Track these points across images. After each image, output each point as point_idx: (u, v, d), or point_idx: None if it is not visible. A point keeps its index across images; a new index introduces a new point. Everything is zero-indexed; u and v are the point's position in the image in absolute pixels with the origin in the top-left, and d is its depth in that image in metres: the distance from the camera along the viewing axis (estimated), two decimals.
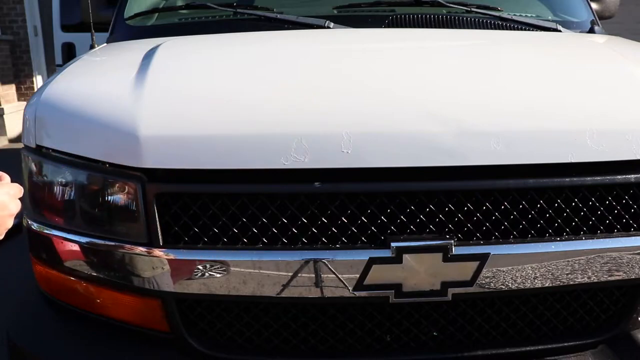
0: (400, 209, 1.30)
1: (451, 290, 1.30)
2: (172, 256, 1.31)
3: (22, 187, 1.15)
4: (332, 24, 2.14)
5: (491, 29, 2.22)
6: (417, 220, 1.30)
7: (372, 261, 1.27)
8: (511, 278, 1.31)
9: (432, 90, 1.44)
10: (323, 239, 1.29)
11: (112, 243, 1.36)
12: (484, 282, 1.30)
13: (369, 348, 1.39)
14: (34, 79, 9.45)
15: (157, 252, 1.31)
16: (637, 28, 7.70)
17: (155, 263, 1.32)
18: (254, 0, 2.56)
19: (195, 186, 1.31)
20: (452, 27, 2.19)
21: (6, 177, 1.13)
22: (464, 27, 2.20)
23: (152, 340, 1.43)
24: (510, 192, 1.32)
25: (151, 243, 1.31)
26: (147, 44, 1.92)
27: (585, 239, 1.34)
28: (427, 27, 2.18)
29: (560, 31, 2.27)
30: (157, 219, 1.30)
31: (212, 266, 1.30)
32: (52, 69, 9.18)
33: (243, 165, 1.28)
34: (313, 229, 1.29)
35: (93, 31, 2.47)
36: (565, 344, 1.42)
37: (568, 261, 1.33)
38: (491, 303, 1.39)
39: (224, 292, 1.31)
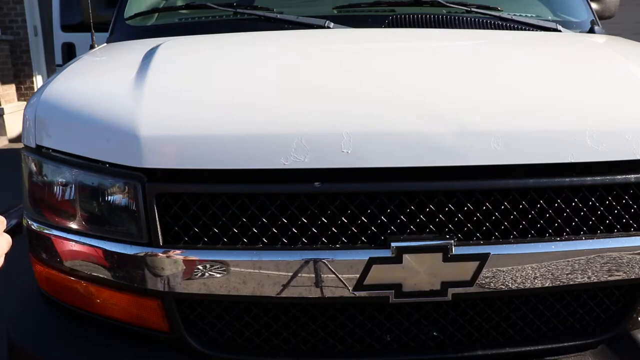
0: (400, 209, 1.30)
1: (451, 290, 1.30)
2: (172, 256, 1.31)
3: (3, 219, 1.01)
4: (332, 24, 2.14)
5: (491, 29, 2.22)
6: (417, 220, 1.30)
7: (372, 261, 1.27)
8: (511, 278, 1.31)
9: (432, 90, 1.44)
10: (323, 239, 1.29)
11: (112, 243, 1.36)
12: (484, 282, 1.30)
13: (369, 348, 1.39)
14: (34, 79, 9.46)
15: (157, 252, 1.31)
16: (637, 28, 7.70)
17: (155, 263, 1.32)
18: (254, 0, 2.57)
19: (195, 186, 1.30)
20: (452, 27, 2.19)
21: None
22: (464, 27, 2.20)
23: (152, 340, 1.43)
24: (510, 192, 1.32)
25: (151, 243, 1.31)
26: (147, 44, 1.92)
27: (585, 239, 1.34)
28: (427, 27, 2.18)
29: (560, 31, 2.27)
30: (157, 219, 1.30)
31: (212, 266, 1.30)
32: (52, 69, 9.18)
33: (243, 165, 1.28)
34: (313, 229, 1.29)
35: (93, 31, 2.48)
36: (565, 344, 1.42)
37: (568, 261, 1.33)
38: (491, 303, 1.39)
39: (224, 292, 1.31)
